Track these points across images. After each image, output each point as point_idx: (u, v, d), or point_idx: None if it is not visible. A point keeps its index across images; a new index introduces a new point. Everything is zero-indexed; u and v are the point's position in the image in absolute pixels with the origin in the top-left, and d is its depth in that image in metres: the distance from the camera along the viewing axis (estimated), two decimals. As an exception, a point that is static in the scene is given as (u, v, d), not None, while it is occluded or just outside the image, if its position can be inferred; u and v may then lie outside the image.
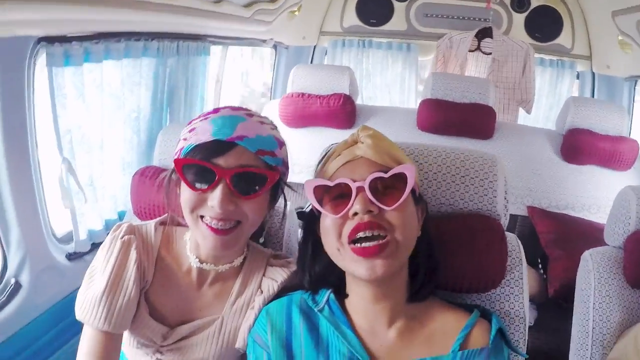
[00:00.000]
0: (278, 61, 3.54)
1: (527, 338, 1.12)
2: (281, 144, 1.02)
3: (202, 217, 0.95)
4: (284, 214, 1.17)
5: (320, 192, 0.92)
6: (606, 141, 2.35)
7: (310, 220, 1.00)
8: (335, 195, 0.90)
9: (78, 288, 1.03)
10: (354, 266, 0.88)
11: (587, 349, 1.41)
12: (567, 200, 2.40)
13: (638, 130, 3.29)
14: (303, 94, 2.56)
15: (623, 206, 1.44)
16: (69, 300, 1.63)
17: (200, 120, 0.97)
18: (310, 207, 2.55)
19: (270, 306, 1.00)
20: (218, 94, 2.89)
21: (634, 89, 3.22)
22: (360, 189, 0.87)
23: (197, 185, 0.93)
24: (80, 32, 1.57)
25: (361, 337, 0.94)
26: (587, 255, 1.48)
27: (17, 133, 1.43)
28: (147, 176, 1.50)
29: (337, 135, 2.49)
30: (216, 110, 0.99)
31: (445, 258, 1.03)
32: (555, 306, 2.09)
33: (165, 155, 1.52)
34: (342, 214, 0.88)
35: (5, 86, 1.35)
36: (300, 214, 1.05)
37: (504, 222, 1.14)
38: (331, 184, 0.90)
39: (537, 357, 1.57)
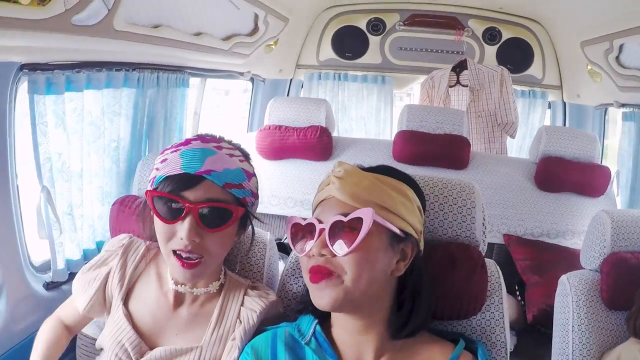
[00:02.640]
0: (255, 93, 3.62)
1: None
2: (250, 175, 1.07)
3: (173, 251, 1.02)
4: (251, 243, 1.23)
5: (297, 228, 0.98)
6: (579, 168, 2.45)
7: None
8: (308, 231, 0.96)
9: None
10: (311, 295, 0.94)
11: None
12: (542, 227, 2.47)
13: (610, 157, 3.46)
14: (280, 127, 2.62)
15: (598, 230, 1.51)
16: None
17: (171, 152, 1.03)
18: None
19: (255, 342, 1.02)
20: (196, 125, 2.95)
21: (604, 116, 3.37)
22: (321, 231, 0.92)
23: (167, 217, 1.00)
24: (62, 60, 1.62)
25: None
26: (564, 279, 1.54)
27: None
28: (126, 205, 1.53)
29: (313, 168, 2.60)
30: (187, 142, 1.04)
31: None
32: (534, 332, 2.14)
33: (145, 185, 1.54)
34: (304, 253, 0.94)
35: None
36: (280, 245, 1.12)
37: (483, 248, 1.19)
38: (303, 223, 0.96)
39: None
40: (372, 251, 0.92)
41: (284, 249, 2.26)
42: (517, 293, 2.33)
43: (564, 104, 3.68)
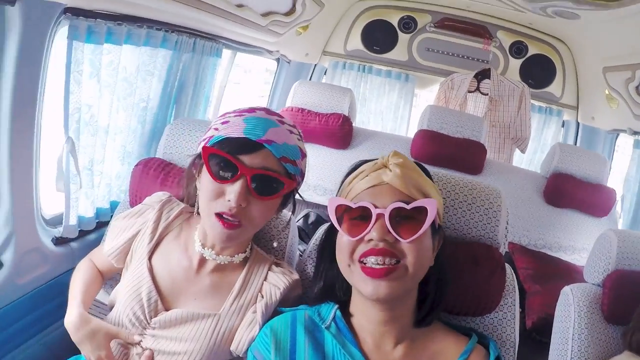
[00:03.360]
0: (279, 73, 3.52)
1: None
2: (303, 155, 1.05)
3: (215, 213, 0.97)
4: (289, 221, 1.21)
5: (342, 211, 0.93)
6: (587, 188, 2.41)
7: (330, 231, 1.02)
8: (356, 215, 0.90)
9: (61, 274, 1.01)
10: (361, 284, 0.89)
11: None
12: (546, 240, 2.44)
13: (615, 180, 3.40)
14: (302, 110, 2.52)
15: (604, 247, 1.50)
16: (52, 285, 1.55)
17: (235, 116, 0.99)
18: (302, 220, 2.46)
19: (274, 323, 0.98)
20: (220, 97, 2.82)
21: (615, 141, 3.33)
22: (379, 216, 0.87)
23: (219, 176, 0.95)
24: (105, 9, 1.50)
25: (367, 355, 0.93)
26: (567, 290, 1.52)
27: (25, 103, 1.34)
28: (150, 167, 1.45)
29: (331, 155, 2.51)
30: (252, 110, 1.00)
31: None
32: (530, 340, 2.10)
33: (171, 149, 1.48)
34: (358, 237, 0.89)
35: (24, 52, 1.26)
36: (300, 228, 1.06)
37: (503, 250, 1.18)
38: (353, 205, 0.90)
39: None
40: (427, 241, 0.91)
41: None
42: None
43: (578, 124, 3.64)
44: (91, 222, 1.74)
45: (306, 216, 2.41)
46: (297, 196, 1.10)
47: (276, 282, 1.07)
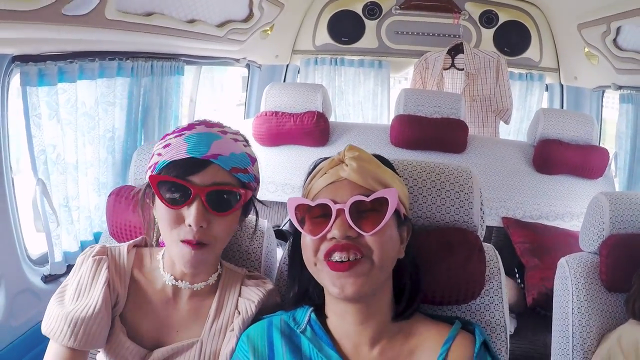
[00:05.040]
0: (251, 80, 3.58)
1: (508, 347, 1.15)
2: (253, 160, 1.05)
3: (182, 241, 0.97)
4: (255, 228, 1.21)
5: (302, 211, 0.94)
6: (576, 150, 2.45)
7: (296, 234, 1.02)
8: (317, 214, 0.92)
9: None
10: (328, 282, 0.91)
11: (568, 354, 1.47)
12: (541, 210, 2.48)
13: (607, 139, 3.45)
14: (276, 112, 2.59)
15: (597, 212, 1.51)
16: None
17: (175, 137, 0.99)
18: (288, 224, 2.54)
19: (250, 330, 1.00)
20: (192, 113, 2.92)
21: (602, 98, 3.36)
22: (340, 212, 0.89)
23: (173, 202, 0.96)
24: (54, 51, 1.59)
25: (345, 356, 0.95)
26: (563, 261, 1.54)
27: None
28: (122, 196, 1.49)
29: (311, 153, 2.56)
30: (191, 127, 1.01)
31: (425, 272, 1.05)
32: (534, 314, 2.15)
33: (141, 174, 1.51)
34: (319, 235, 0.90)
35: (-21, 106, 1.37)
36: (278, 232, 1.09)
37: (481, 233, 1.18)
38: (312, 204, 0.92)
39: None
40: (391, 233, 0.92)
41: (282, 236, 2.25)
42: (517, 276, 2.33)
43: (562, 86, 3.66)
44: (77, 256, 1.84)
45: (292, 220, 2.49)
46: (258, 200, 1.12)
47: (250, 296, 1.07)
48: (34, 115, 1.57)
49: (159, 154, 0.99)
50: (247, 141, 1.08)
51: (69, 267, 1.80)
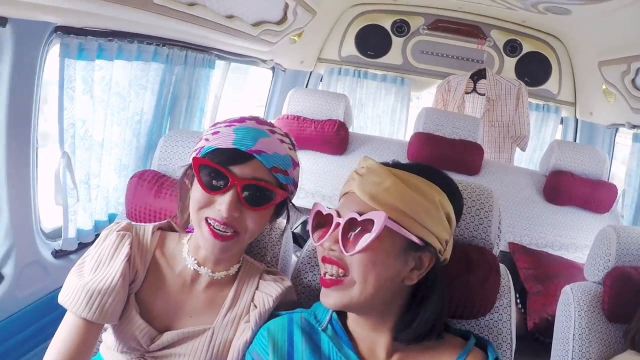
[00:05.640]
0: (274, 82, 3.56)
1: None
2: (295, 164, 1.04)
3: (206, 218, 0.97)
4: (285, 230, 1.21)
5: (319, 216, 0.96)
6: (587, 184, 2.42)
7: None
8: (327, 221, 0.93)
9: (61, 287, 1.00)
10: (321, 292, 0.93)
11: None
12: (547, 238, 2.44)
13: (616, 175, 3.40)
14: (298, 117, 2.57)
15: (604, 244, 1.49)
16: (51, 298, 1.59)
17: (225, 126, 0.99)
18: (300, 227, 2.48)
19: (271, 325, 0.98)
20: (216, 108, 2.88)
21: (614, 136, 3.33)
22: (337, 225, 0.89)
23: (210, 186, 0.96)
24: (96, 26, 1.56)
25: (363, 358, 0.94)
26: (567, 289, 1.52)
27: (21, 121, 1.41)
28: (145, 180, 1.47)
29: (328, 161, 2.55)
30: (242, 120, 1.00)
31: None
32: (532, 340, 2.11)
33: (165, 161, 1.49)
34: (319, 243, 0.92)
35: (17, 71, 1.33)
36: (293, 235, 1.07)
37: (496, 251, 1.18)
38: (324, 212, 0.94)
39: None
40: (382, 255, 0.87)
41: (294, 239, 2.21)
42: (518, 301, 2.29)
43: (576, 120, 3.64)
44: (90, 235, 1.80)
45: (304, 223, 2.44)
46: (293, 205, 1.11)
47: (268, 290, 1.06)
48: (68, 88, 1.54)
49: (207, 139, 0.99)
50: (293, 145, 1.07)
51: (80, 245, 1.75)
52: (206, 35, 2.16)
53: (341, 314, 0.99)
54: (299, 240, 2.27)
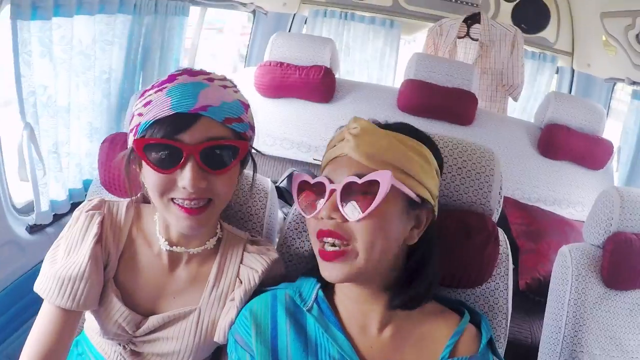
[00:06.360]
0: (255, 27, 3.39)
1: (507, 333, 1.12)
2: (247, 106, 0.94)
3: (172, 199, 0.89)
4: (252, 183, 1.14)
5: (305, 187, 0.90)
6: (583, 139, 2.39)
7: None
8: (317, 191, 0.87)
9: (40, 263, 0.96)
10: (320, 266, 0.87)
11: (557, 344, 1.46)
12: (540, 193, 2.43)
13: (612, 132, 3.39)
14: (281, 64, 2.45)
15: (606, 206, 1.47)
16: (31, 275, 1.55)
17: (155, 92, 0.86)
18: (286, 180, 2.43)
19: (254, 305, 0.94)
20: (192, 59, 2.73)
21: (612, 90, 3.28)
22: (332, 192, 0.83)
23: (163, 166, 0.85)
24: (50, -19, 1.40)
25: (351, 337, 0.90)
26: (565, 250, 1.50)
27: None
28: (117, 144, 1.37)
29: (313, 109, 2.47)
30: (172, 78, 0.88)
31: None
32: (523, 297, 2.12)
33: None
34: (313, 215, 0.86)
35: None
36: (277, 190, 1.00)
37: (495, 217, 1.13)
38: (312, 181, 0.88)
39: (506, 347, 1.64)
40: (387, 218, 0.84)
41: (281, 194, 2.17)
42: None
43: (573, 71, 3.57)
44: (65, 205, 1.72)
45: (290, 176, 2.38)
46: (257, 150, 1.02)
47: (254, 264, 1.00)
48: (24, 52, 1.39)
49: (140, 114, 0.87)
50: (236, 86, 0.95)
51: (55, 217, 1.67)
52: (178, -20, 2.00)
53: (328, 291, 0.95)
54: (286, 195, 2.23)
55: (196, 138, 0.85)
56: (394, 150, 0.85)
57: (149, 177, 0.88)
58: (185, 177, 0.84)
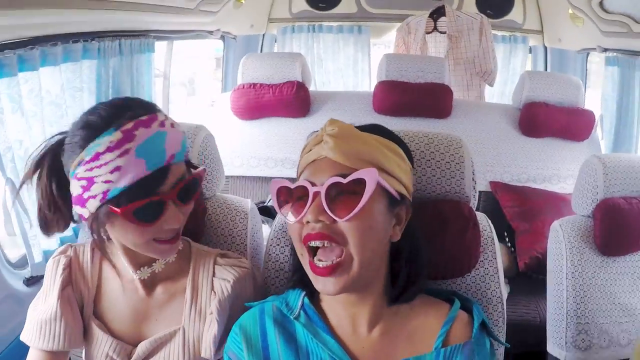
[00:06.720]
0: (227, 52, 3.43)
1: (505, 317, 1.12)
2: (183, 133, 0.96)
3: (154, 240, 0.93)
4: (250, 212, 1.22)
5: (285, 193, 0.89)
6: (563, 113, 2.42)
7: None
8: (298, 196, 0.86)
9: None
10: (312, 277, 0.87)
11: (562, 318, 1.47)
12: (528, 173, 2.45)
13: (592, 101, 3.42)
14: (254, 84, 2.48)
15: (590, 175, 1.48)
16: None
17: (120, 156, 0.83)
18: (271, 200, 2.44)
19: (243, 320, 0.95)
20: (167, 89, 2.77)
21: (586, 61, 3.30)
22: (316, 194, 0.83)
23: (149, 220, 0.89)
24: (11, 39, 1.43)
25: (342, 340, 0.91)
26: (556, 225, 1.52)
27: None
28: None
29: (292, 125, 2.50)
30: (129, 136, 0.84)
31: None
32: (526, 278, 2.14)
33: None
34: (297, 219, 0.85)
35: None
36: (263, 209, 1.02)
37: (473, 203, 1.14)
38: (292, 186, 0.87)
39: (515, 330, 1.64)
40: (374, 217, 0.84)
41: (267, 212, 2.17)
42: (507, 240, 2.32)
43: (545, 48, 3.60)
44: (60, 253, 1.75)
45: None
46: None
47: (225, 275, 1.03)
48: (-5, 110, 1.43)
49: (108, 181, 0.84)
50: (166, 116, 0.94)
51: (50, 266, 1.70)
52: (139, 19, 2.03)
53: (314, 298, 0.96)
54: (274, 213, 2.24)
55: (171, 183, 0.90)
56: (372, 149, 0.86)
57: (129, 234, 0.91)
58: (170, 220, 0.90)
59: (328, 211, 0.82)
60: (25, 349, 1.50)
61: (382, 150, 0.87)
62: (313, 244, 0.83)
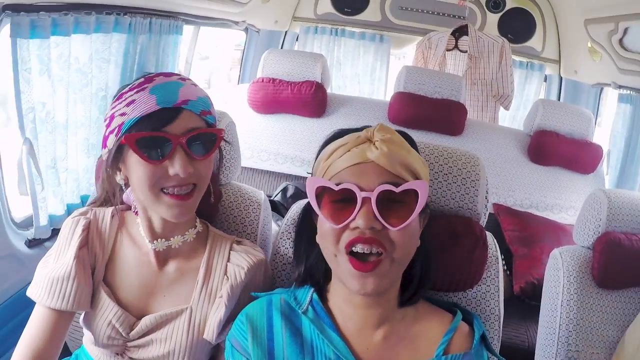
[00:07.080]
0: (248, 45, 3.46)
1: (500, 336, 1.14)
2: (211, 102, 1.03)
3: (162, 189, 0.95)
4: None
5: (322, 193, 0.87)
6: (572, 144, 2.44)
7: (307, 211, 1.00)
8: (337, 199, 0.85)
9: None
10: (348, 278, 0.85)
11: (553, 345, 1.47)
12: (532, 199, 2.47)
13: (601, 136, 3.45)
14: (274, 80, 2.51)
15: (594, 208, 1.50)
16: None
17: (136, 92, 0.93)
18: (280, 194, 2.45)
19: (250, 309, 0.96)
20: (187, 74, 2.80)
21: (599, 95, 3.33)
22: (365, 200, 0.82)
23: (154, 157, 0.92)
24: (48, 1, 1.46)
25: (347, 339, 0.92)
26: (556, 253, 1.53)
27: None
28: None
29: (306, 124, 2.51)
30: (149, 79, 0.95)
31: None
32: (518, 302, 2.16)
33: None
34: (343, 224, 0.83)
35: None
36: (272, 203, 1.04)
37: (483, 221, 1.16)
38: (336, 187, 0.84)
39: (503, 353, 1.64)
40: (415, 226, 0.88)
41: (273, 206, 2.20)
42: (503, 262, 2.33)
43: (561, 78, 3.62)
44: (63, 219, 1.76)
45: (284, 190, 2.40)
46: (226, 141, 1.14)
47: (239, 262, 1.05)
48: (23, 70, 1.44)
49: (123, 114, 0.93)
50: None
51: (54, 231, 1.71)
52: (171, 0, 2.06)
53: (323, 295, 0.97)
54: (280, 208, 2.26)
55: (180, 129, 0.93)
56: (415, 160, 0.88)
57: (138, 172, 0.94)
58: (176, 164, 0.92)
59: (380, 219, 0.82)
60: (20, 307, 1.52)
61: (420, 161, 0.90)
62: (359, 248, 0.83)
